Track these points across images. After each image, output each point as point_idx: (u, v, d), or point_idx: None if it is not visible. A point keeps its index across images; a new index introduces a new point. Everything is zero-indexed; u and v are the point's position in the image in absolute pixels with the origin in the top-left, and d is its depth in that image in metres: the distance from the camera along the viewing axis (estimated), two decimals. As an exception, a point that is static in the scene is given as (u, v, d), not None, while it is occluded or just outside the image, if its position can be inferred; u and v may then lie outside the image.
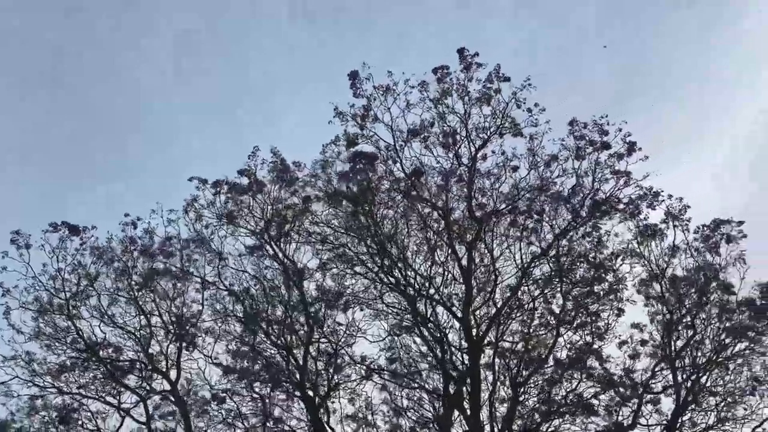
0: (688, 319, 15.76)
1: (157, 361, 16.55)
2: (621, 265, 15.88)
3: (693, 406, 15.48)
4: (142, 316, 16.68)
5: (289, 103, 37.98)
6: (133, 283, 16.73)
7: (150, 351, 16.61)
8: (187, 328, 16.62)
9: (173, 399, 16.24)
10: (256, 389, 16.26)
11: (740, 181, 33.08)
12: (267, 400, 16.20)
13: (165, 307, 16.77)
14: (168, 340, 16.71)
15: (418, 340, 16.19)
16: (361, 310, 16.58)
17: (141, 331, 16.68)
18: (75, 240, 16.41)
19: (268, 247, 16.60)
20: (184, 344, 16.55)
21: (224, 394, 16.23)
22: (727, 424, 15.33)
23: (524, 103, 15.25)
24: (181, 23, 36.31)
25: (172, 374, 16.41)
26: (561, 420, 16.04)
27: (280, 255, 16.52)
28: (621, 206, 15.51)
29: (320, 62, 37.10)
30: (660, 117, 33.78)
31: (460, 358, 15.86)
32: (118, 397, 16.39)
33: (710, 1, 37.22)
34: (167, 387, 16.36)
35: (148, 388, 16.41)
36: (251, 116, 38.43)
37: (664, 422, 15.36)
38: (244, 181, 16.47)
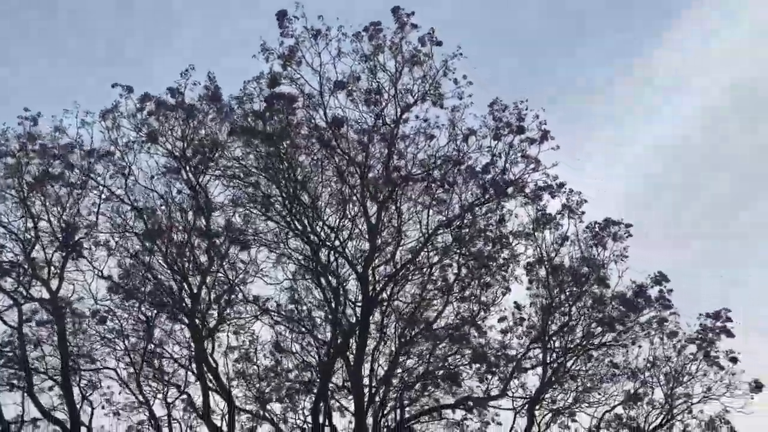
0: (566, 306, 16.96)
1: (39, 268, 15.83)
2: (516, 245, 16.81)
3: (555, 385, 16.70)
4: (29, 219, 15.92)
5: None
6: (24, 182, 15.88)
7: (33, 256, 15.89)
8: (77, 237, 15.98)
9: (50, 308, 15.63)
10: (143, 310, 15.93)
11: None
12: (152, 324, 15.91)
13: (56, 213, 16.04)
14: (54, 248, 16.00)
15: (315, 291, 16.52)
16: (269, 251, 16.61)
17: (26, 234, 15.92)
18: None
19: (183, 172, 16.20)
20: (70, 253, 15.91)
21: (106, 314, 15.80)
22: (582, 405, 16.67)
23: (453, 72, 15.60)
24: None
25: (54, 284, 15.79)
26: (432, 384, 16.89)
27: (194, 181, 16.18)
28: (527, 190, 16.36)
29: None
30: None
31: (353, 312, 16.32)
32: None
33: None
34: (46, 296, 15.72)
35: (24, 293, 15.66)
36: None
37: (528, 396, 16.44)
38: (171, 100, 15.95)
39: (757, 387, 16.46)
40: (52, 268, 15.83)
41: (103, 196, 16.12)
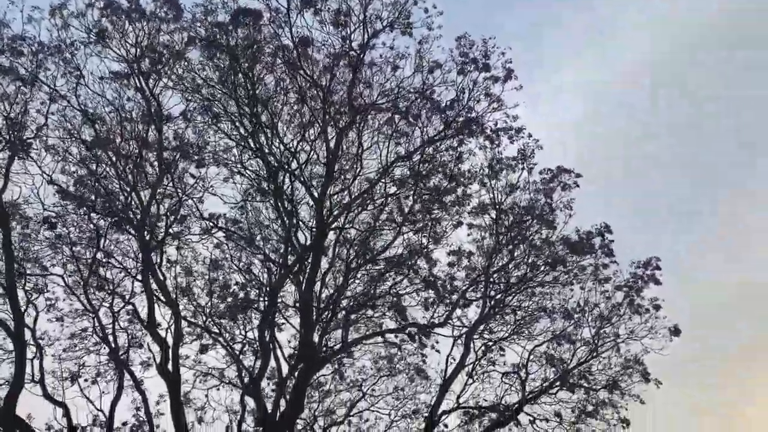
0: (509, 247, 17.62)
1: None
2: (470, 183, 17.16)
3: (494, 319, 17.55)
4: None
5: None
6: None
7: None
8: (24, 137, 15.33)
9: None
10: (92, 218, 15.65)
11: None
12: (101, 233, 15.68)
13: (3, 109, 15.28)
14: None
15: (268, 208, 16.53)
16: (217, 167, 16.42)
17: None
18: None
19: (135, 79, 15.60)
20: (17, 152, 15.29)
21: (56, 220, 15.45)
22: (517, 339, 17.64)
23: (424, 1, 15.42)
24: None
25: None
26: (376, 310, 17.48)
27: (146, 91, 15.63)
28: (487, 131, 16.58)
29: None
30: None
31: (306, 235, 16.51)
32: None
33: None
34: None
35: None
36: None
37: (468, 326, 17.23)
38: (124, 1, 15.17)
39: (675, 332, 17.75)
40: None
41: (51, 97, 15.40)
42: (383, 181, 16.59)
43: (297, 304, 16.34)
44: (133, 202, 15.88)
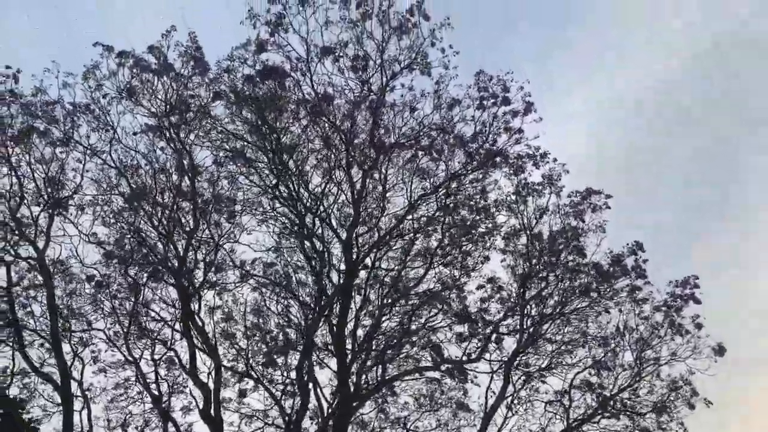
0: (543, 274, 17.51)
1: (26, 227, 15.91)
2: (498, 214, 17.21)
3: (531, 349, 17.40)
4: (13, 176, 15.89)
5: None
6: (8, 138, 15.78)
7: (19, 215, 15.93)
8: (62, 196, 16.05)
9: (38, 267, 15.80)
10: (131, 272, 16.20)
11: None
12: (141, 285, 16.21)
13: (41, 171, 16.04)
14: (40, 206, 16.05)
15: (300, 254, 16.86)
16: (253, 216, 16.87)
17: (11, 192, 15.90)
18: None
19: (165, 131, 16.20)
20: (55, 212, 16.00)
21: (100, 278, 16.04)
22: (555, 369, 17.42)
23: (440, 41, 15.69)
24: None
25: (40, 244, 15.89)
26: (413, 347, 17.53)
27: (178, 142, 16.20)
28: (511, 161, 16.64)
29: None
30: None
31: (337, 276, 16.75)
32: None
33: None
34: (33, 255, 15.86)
35: (13, 252, 15.79)
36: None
37: (504, 360, 17.12)
38: (152, 59, 15.83)
39: (720, 350, 17.28)
40: (38, 227, 15.92)
41: (87, 156, 16.12)
42: (411, 217, 16.72)
43: (331, 346, 16.50)
44: (170, 253, 16.36)
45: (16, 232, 15.76)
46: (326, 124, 16.09)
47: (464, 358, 16.87)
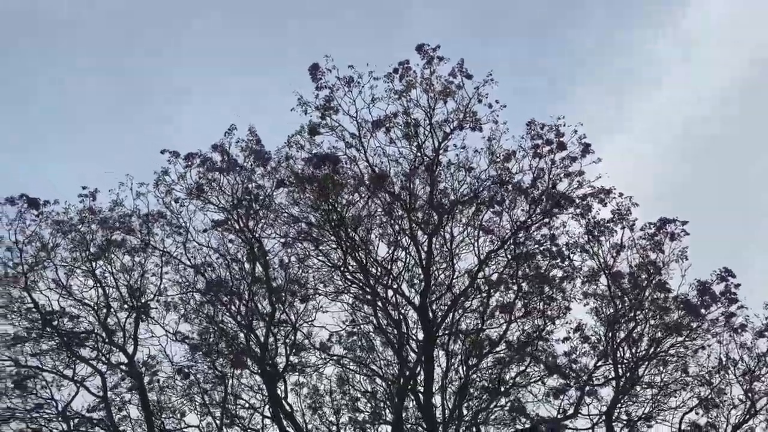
0: (630, 313, 16.75)
1: (113, 333, 16.59)
2: (573, 255, 16.74)
3: (630, 396, 16.52)
4: (99, 288, 16.68)
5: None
6: (89, 254, 16.67)
7: (108, 323, 16.64)
8: (144, 300, 16.71)
9: (130, 372, 16.34)
10: (218, 365, 16.54)
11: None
12: (228, 376, 16.50)
13: (123, 279, 16.81)
14: (125, 312, 16.74)
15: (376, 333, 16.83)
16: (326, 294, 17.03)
17: (98, 303, 16.68)
18: (33, 213, 16.23)
19: (234, 223, 16.73)
20: (141, 317, 16.63)
21: (188, 370, 16.45)
22: (659, 414, 16.45)
23: (486, 98, 15.87)
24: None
25: (129, 348, 16.52)
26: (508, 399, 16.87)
27: (247, 232, 16.69)
28: (576, 203, 16.30)
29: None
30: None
31: (415, 343, 16.52)
32: (73, 368, 16.32)
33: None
34: (124, 360, 16.47)
35: (106, 362, 16.42)
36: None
37: (603, 411, 16.28)
38: (217, 157, 16.55)
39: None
40: (126, 332, 16.57)
41: (164, 259, 16.80)
42: (483, 273, 16.46)
43: (421, 420, 16.16)
44: (251, 342, 16.64)
45: (107, 340, 16.43)
46: (385, 196, 16.22)
47: (560, 415, 16.15)
